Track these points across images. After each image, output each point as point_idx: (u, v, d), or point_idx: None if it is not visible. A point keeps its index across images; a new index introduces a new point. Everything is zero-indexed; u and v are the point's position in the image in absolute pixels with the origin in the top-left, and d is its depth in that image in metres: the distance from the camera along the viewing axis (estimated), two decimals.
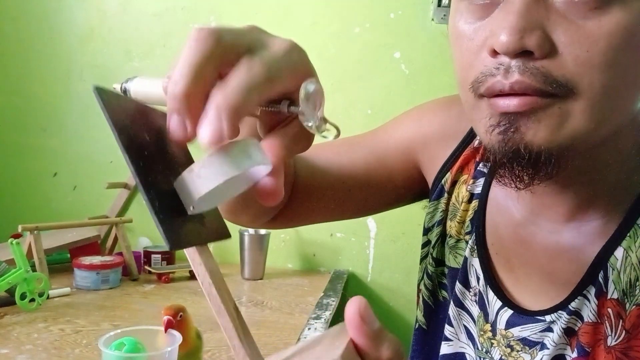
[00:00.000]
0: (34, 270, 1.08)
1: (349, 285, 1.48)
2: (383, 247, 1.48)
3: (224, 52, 0.28)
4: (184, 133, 0.27)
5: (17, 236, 1.22)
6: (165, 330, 0.70)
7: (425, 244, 0.63)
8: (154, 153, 0.28)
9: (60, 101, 1.62)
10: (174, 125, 0.27)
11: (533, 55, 0.39)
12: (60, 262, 1.41)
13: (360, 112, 1.47)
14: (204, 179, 0.27)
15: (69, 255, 1.41)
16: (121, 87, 0.39)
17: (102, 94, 0.26)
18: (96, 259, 1.24)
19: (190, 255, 0.29)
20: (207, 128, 0.26)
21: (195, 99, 0.27)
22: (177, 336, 0.71)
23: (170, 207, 0.27)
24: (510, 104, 0.40)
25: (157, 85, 0.39)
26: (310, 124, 0.31)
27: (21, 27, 1.62)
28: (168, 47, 1.55)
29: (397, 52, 1.44)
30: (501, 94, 0.41)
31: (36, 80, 1.62)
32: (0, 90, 1.65)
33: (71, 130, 1.62)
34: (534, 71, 0.39)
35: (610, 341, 0.47)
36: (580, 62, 0.38)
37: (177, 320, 0.71)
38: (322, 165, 0.63)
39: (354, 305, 0.28)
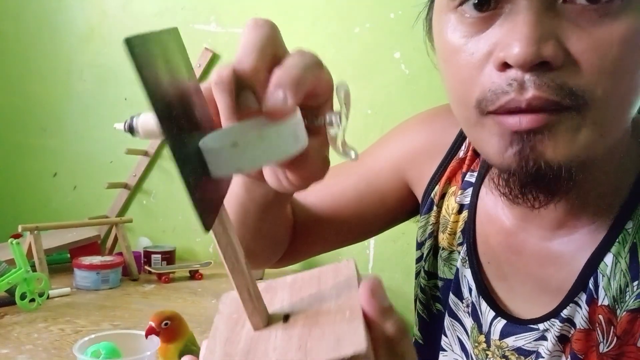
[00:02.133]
0: (34, 270, 1.08)
1: None
2: (383, 247, 1.48)
3: (279, 37, 0.31)
4: (254, 106, 0.28)
5: (17, 236, 1.22)
6: (146, 336, 0.69)
7: (419, 259, 0.63)
8: (180, 112, 0.27)
9: (60, 101, 1.62)
10: (244, 99, 0.29)
11: (548, 66, 0.37)
12: (60, 262, 1.41)
13: (360, 112, 1.47)
14: (250, 156, 0.26)
15: (69, 255, 1.41)
16: (125, 125, 0.37)
17: (134, 46, 0.23)
18: (96, 259, 1.24)
19: None
20: (272, 100, 0.27)
21: (261, 75, 0.29)
22: (156, 341, 0.70)
23: (195, 175, 0.26)
24: (523, 121, 0.38)
25: None
26: (339, 130, 0.32)
27: (21, 27, 1.62)
28: None
29: (397, 52, 1.44)
30: (513, 111, 0.39)
31: (36, 80, 1.62)
32: (0, 90, 1.65)
33: (71, 130, 1.62)
34: (550, 84, 0.37)
35: (603, 348, 0.47)
36: (596, 70, 0.37)
37: (163, 329, 0.69)
38: (315, 199, 0.63)
39: (368, 282, 0.29)
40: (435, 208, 0.60)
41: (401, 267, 1.48)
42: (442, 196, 0.60)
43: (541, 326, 0.50)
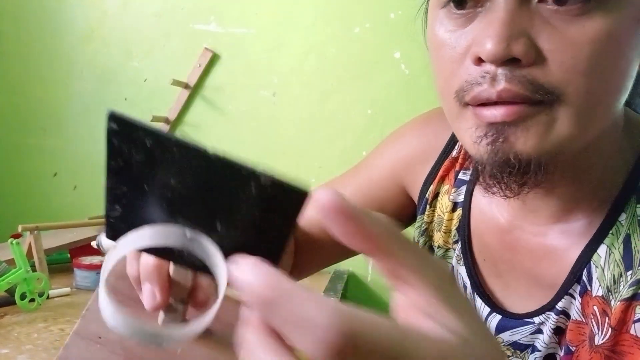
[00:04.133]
0: (34, 270, 1.08)
1: (349, 285, 1.48)
2: None
3: None
4: None
5: (17, 236, 1.22)
6: None
7: None
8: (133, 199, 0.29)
9: (60, 101, 1.62)
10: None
11: (519, 63, 0.39)
12: (60, 262, 1.41)
13: (360, 112, 1.47)
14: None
15: (69, 255, 1.41)
16: (97, 245, 0.39)
17: (115, 121, 0.25)
18: (96, 259, 1.24)
19: None
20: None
21: None
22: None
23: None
24: (497, 114, 0.40)
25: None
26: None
27: (21, 27, 1.62)
28: (168, 47, 1.55)
29: (397, 52, 1.44)
30: (487, 103, 0.40)
31: (36, 80, 1.62)
32: (0, 90, 1.65)
33: (71, 130, 1.62)
34: (521, 79, 0.39)
35: (598, 340, 0.47)
36: (566, 69, 0.38)
37: None
38: (314, 214, 0.63)
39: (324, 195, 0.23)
40: (429, 207, 0.61)
41: None
42: (436, 195, 0.60)
43: (536, 320, 0.51)
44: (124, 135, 0.25)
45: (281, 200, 0.26)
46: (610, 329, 0.46)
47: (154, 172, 0.26)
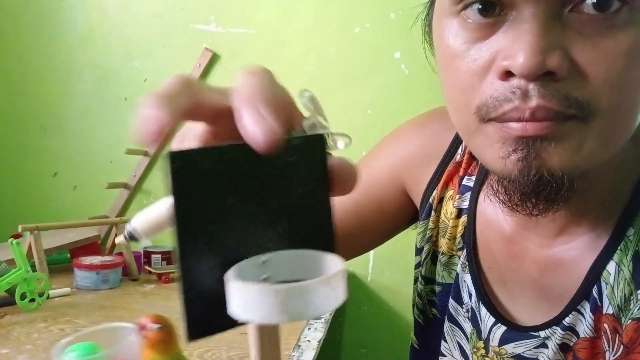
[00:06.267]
0: (34, 270, 1.08)
1: (349, 285, 1.47)
2: (383, 247, 1.47)
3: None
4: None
5: (17, 236, 1.22)
6: (139, 333, 0.64)
7: (417, 265, 0.63)
8: (210, 230, 0.27)
9: (60, 101, 1.62)
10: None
11: (552, 76, 0.36)
12: (60, 262, 1.41)
13: (360, 112, 1.47)
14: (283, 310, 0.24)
15: (69, 255, 1.41)
16: (126, 234, 0.35)
17: (176, 159, 0.25)
18: (96, 259, 1.24)
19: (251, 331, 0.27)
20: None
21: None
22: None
23: (206, 288, 0.28)
24: (529, 127, 0.37)
25: (159, 206, 0.33)
26: (322, 130, 0.31)
27: (21, 27, 1.62)
28: (168, 47, 1.55)
29: (397, 52, 1.44)
30: (517, 120, 0.38)
31: (36, 80, 1.62)
32: (0, 90, 1.65)
33: (71, 130, 1.62)
34: (555, 94, 0.37)
35: (609, 356, 0.46)
36: (600, 81, 0.37)
37: (153, 330, 0.64)
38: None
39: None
40: (433, 213, 0.59)
41: (401, 267, 1.48)
42: (440, 200, 0.59)
43: (542, 333, 0.50)
44: (185, 168, 0.25)
45: (308, 152, 0.29)
46: (622, 347, 0.45)
47: (217, 196, 0.26)
